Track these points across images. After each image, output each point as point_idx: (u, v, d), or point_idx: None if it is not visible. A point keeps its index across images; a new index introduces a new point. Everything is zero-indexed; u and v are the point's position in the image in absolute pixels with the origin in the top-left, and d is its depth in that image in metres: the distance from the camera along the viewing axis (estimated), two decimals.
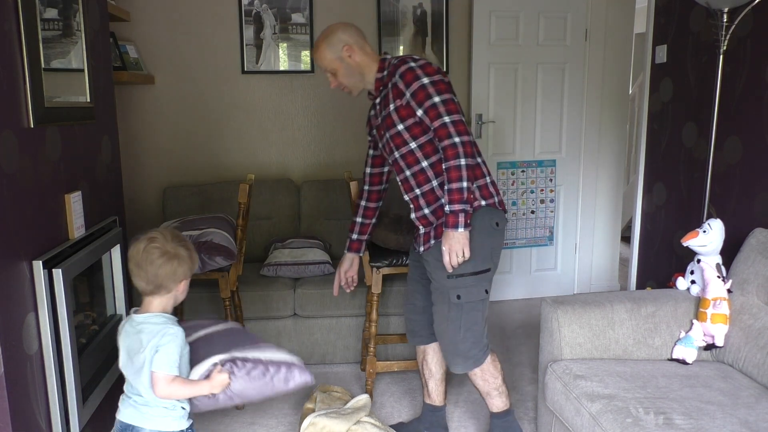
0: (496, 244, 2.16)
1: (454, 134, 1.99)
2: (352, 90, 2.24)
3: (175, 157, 3.82)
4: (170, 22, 3.69)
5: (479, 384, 2.26)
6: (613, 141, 4.19)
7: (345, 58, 2.15)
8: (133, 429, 1.65)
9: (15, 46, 1.74)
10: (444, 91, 2.03)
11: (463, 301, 2.11)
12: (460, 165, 1.99)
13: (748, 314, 2.14)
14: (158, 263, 1.61)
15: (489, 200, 2.13)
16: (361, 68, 2.18)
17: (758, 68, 2.48)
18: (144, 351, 1.58)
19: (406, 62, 2.08)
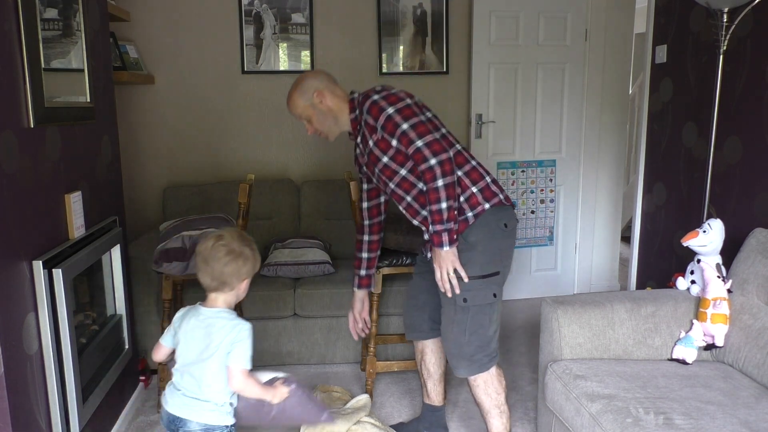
0: (506, 245, 2.13)
1: (429, 156, 1.97)
2: (328, 135, 2.27)
3: (175, 157, 3.83)
4: (170, 22, 3.69)
5: (481, 398, 2.21)
6: (613, 141, 4.19)
7: (317, 104, 2.19)
8: (181, 421, 1.71)
9: (15, 46, 1.74)
10: (411, 116, 2.02)
11: (469, 305, 2.08)
12: (437, 187, 1.98)
13: (748, 314, 2.14)
14: (224, 261, 1.69)
15: (493, 200, 2.10)
16: (333, 112, 2.21)
17: (758, 68, 2.48)
18: (215, 345, 1.67)
19: (369, 96, 2.10)
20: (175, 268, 2.57)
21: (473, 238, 2.07)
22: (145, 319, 3.03)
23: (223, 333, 1.68)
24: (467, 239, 2.08)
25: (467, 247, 2.07)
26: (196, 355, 1.70)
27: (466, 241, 2.07)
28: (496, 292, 2.11)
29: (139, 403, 2.84)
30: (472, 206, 2.08)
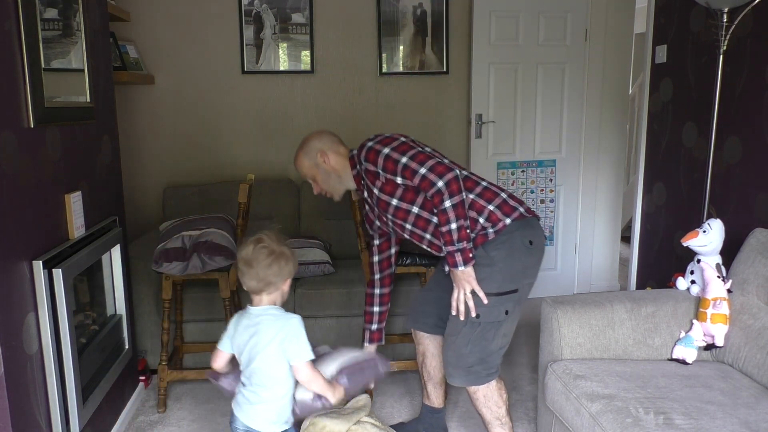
0: (531, 263, 2.08)
1: (435, 179, 1.96)
2: (333, 194, 2.30)
3: (175, 157, 3.83)
4: (170, 22, 3.69)
5: (482, 411, 2.19)
6: (613, 141, 4.19)
7: (320, 163, 2.22)
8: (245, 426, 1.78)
9: (15, 46, 1.74)
10: (408, 150, 2.03)
11: (481, 320, 2.04)
12: (445, 208, 1.96)
13: (748, 314, 2.14)
14: (267, 263, 1.73)
15: (513, 214, 2.05)
16: (337, 171, 2.24)
17: (758, 68, 2.48)
18: (265, 342, 1.71)
19: (364, 146, 2.12)
20: (175, 268, 2.57)
21: (494, 253, 2.03)
22: (145, 319, 3.03)
23: (272, 330, 1.72)
24: (489, 253, 2.03)
25: (487, 263, 2.03)
26: (250, 349, 1.73)
27: (487, 256, 2.03)
28: (509, 309, 2.06)
29: (139, 403, 2.84)
30: (493, 223, 2.04)
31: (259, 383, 1.74)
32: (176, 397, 2.91)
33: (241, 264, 1.76)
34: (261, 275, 1.73)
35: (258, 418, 1.76)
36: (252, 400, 1.75)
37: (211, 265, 2.58)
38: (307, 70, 3.82)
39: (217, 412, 2.77)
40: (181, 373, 2.80)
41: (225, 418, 2.71)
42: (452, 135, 4.00)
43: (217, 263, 2.58)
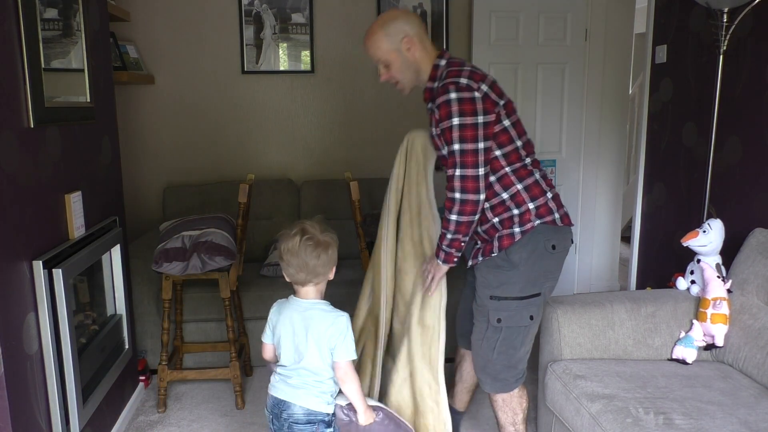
0: (552, 266, 2.00)
1: (457, 190, 1.88)
2: (404, 87, 2.08)
3: (175, 157, 3.83)
4: (170, 22, 3.69)
5: (499, 414, 2.16)
6: (613, 141, 4.19)
7: (403, 51, 1.97)
8: (285, 404, 1.78)
9: (15, 46, 1.74)
10: (469, 139, 1.85)
11: (503, 325, 2.00)
12: (450, 219, 1.91)
13: (748, 314, 2.14)
14: (314, 254, 1.73)
15: (546, 218, 1.96)
16: (418, 65, 2.01)
17: (758, 68, 2.48)
18: (316, 337, 1.75)
19: (448, 91, 1.87)
20: (175, 268, 2.57)
21: (516, 257, 1.96)
22: (145, 319, 3.03)
23: (324, 325, 1.75)
24: (510, 257, 1.97)
25: (509, 266, 1.97)
26: (298, 341, 1.77)
27: (509, 260, 1.97)
28: (533, 314, 2.00)
29: (139, 403, 2.84)
30: (522, 222, 1.95)
31: (308, 371, 1.77)
32: (176, 397, 2.91)
33: (287, 256, 1.74)
34: (310, 268, 1.74)
35: (308, 397, 1.78)
36: (299, 385, 1.78)
37: (211, 265, 2.58)
38: (307, 70, 3.82)
39: (217, 412, 2.77)
40: (181, 373, 2.80)
41: (225, 418, 2.71)
42: None
43: (217, 263, 2.58)
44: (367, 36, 2.01)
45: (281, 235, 1.80)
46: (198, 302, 3.08)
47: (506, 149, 1.95)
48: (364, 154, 3.94)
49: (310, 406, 1.77)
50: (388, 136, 3.95)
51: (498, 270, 1.99)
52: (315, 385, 1.78)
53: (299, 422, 1.77)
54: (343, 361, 1.76)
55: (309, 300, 1.80)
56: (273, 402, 1.82)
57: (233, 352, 2.75)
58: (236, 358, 2.76)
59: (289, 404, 1.78)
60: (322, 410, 1.79)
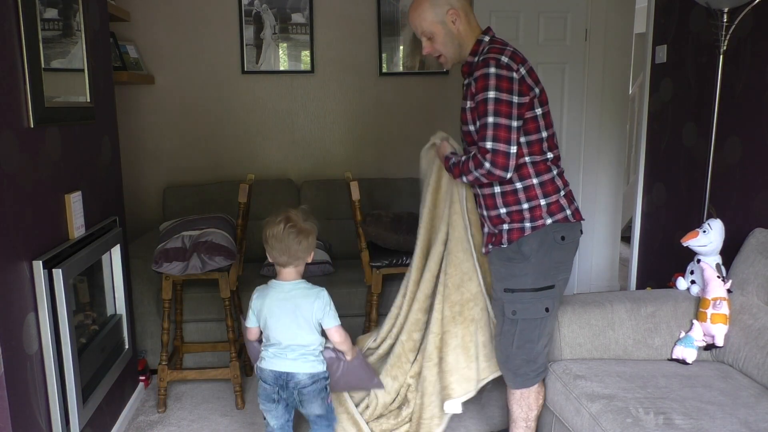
0: (563, 258, 2.01)
1: (486, 161, 1.87)
2: (447, 60, 2.07)
3: (175, 157, 3.83)
4: (170, 22, 3.69)
5: (513, 407, 2.17)
6: (613, 141, 4.19)
7: (448, 23, 1.97)
8: (290, 375, 2.00)
9: (15, 46, 1.74)
10: (503, 114, 1.85)
11: (518, 317, 2.01)
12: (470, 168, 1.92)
13: (748, 314, 2.14)
14: (297, 241, 1.95)
15: (558, 215, 1.97)
16: (461, 39, 2.00)
17: (758, 68, 2.48)
18: (305, 312, 1.97)
19: (488, 65, 1.87)
20: (175, 268, 2.57)
21: (526, 248, 1.98)
22: (145, 319, 3.03)
23: (309, 303, 1.98)
24: (521, 249, 1.98)
25: (520, 258, 1.99)
26: (289, 326, 1.97)
27: (520, 252, 1.98)
28: (548, 306, 2.02)
29: (139, 403, 2.84)
30: (533, 218, 1.97)
31: (302, 345, 1.99)
32: (176, 397, 2.91)
33: (272, 241, 1.96)
34: (293, 252, 1.96)
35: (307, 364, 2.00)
36: (297, 357, 1.99)
37: (211, 265, 2.58)
38: (307, 70, 3.82)
39: (217, 412, 2.77)
40: (181, 373, 2.80)
41: (225, 418, 2.71)
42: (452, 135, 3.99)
43: (217, 263, 2.58)
44: (412, 7, 2.01)
45: (267, 222, 1.99)
46: (198, 302, 3.08)
47: (531, 138, 1.95)
48: (364, 154, 3.94)
49: (311, 370, 2.01)
50: (387, 136, 3.96)
51: (510, 262, 2.00)
52: (310, 353, 2.01)
53: (306, 386, 2.00)
54: (333, 328, 2.02)
55: (290, 282, 2.01)
56: (275, 375, 2.00)
57: (233, 352, 2.75)
58: (236, 358, 2.76)
59: (294, 374, 1.99)
60: (321, 370, 2.03)
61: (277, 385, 2.01)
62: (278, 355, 2.00)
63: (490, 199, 2.04)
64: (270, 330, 2.00)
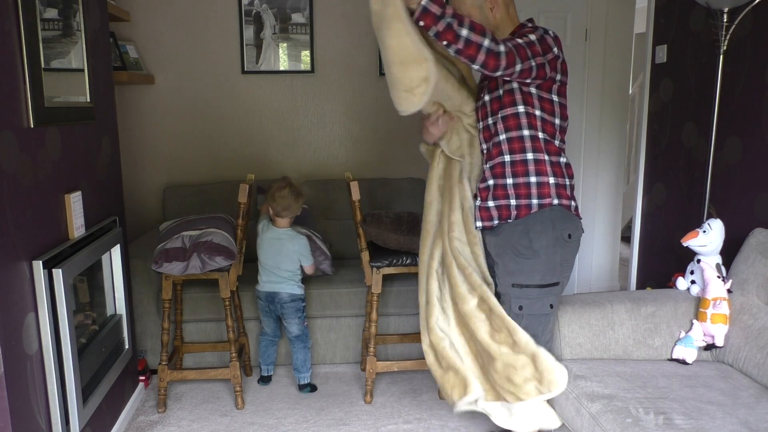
0: (568, 255, 2.04)
1: (500, 44, 1.79)
2: None
3: (175, 157, 3.83)
4: (170, 22, 3.69)
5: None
6: (613, 141, 4.19)
7: (486, 9, 1.98)
8: (276, 294, 2.86)
9: (15, 46, 1.74)
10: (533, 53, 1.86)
11: (524, 313, 2.03)
12: (483, 45, 1.76)
13: (748, 314, 2.14)
14: (295, 199, 2.77)
15: (564, 200, 1.99)
16: (497, 27, 2.00)
17: (758, 68, 2.48)
18: (286, 252, 2.83)
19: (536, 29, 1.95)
20: (175, 268, 2.57)
21: (537, 245, 1.99)
22: (145, 319, 3.03)
23: (290, 245, 2.82)
24: (532, 245, 1.99)
25: (530, 254, 2.00)
26: (275, 256, 2.82)
27: (531, 248, 2.00)
28: (553, 303, 2.04)
29: (139, 403, 2.84)
30: (540, 194, 1.97)
31: (287, 270, 2.84)
32: (176, 397, 2.91)
33: (278, 199, 2.74)
34: (291, 208, 2.77)
35: (289, 286, 2.86)
36: (280, 280, 2.85)
37: (211, 265, 2.58)
38: (307, 70, 3.82)
39: (217, 412, 2.77)
40: (181, 373, 2.80)
41: (225, 418, 2.71)
42: None
43: (217, 263, 2.58)
44: None
45: (273, 185, 2.78)
46: (198, 302, 3.08)
47: (546, 115, 1.98)
48: (364, 154, 3.94)
49: (292, 291, 2.87)
50: (388, 136, 3.95)
51: (520, 258, 2.01)
52: (291, 278, 2.86)
53: (287, 302, 2.85)
54: (309, 266, 2.88)
55: (282, 228, 2.83)
56: (266, 294, 2.87)
57: (233, 352, 2.75)
58: (236, 358, 2.76)
59: (278, 293, 2.85)
60: (298, 292, 2.89)
61: (267, 301, 2.87)
62: (268, 279, 2.85)
63: (500, 167, 2.03)
64: (263, 257, 2.84)
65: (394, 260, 2.76)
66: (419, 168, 3.96)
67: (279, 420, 2.69)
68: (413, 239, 2.70)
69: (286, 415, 2.74)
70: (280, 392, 2.95)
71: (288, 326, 2.90)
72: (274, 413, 2.75)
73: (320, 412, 2.76)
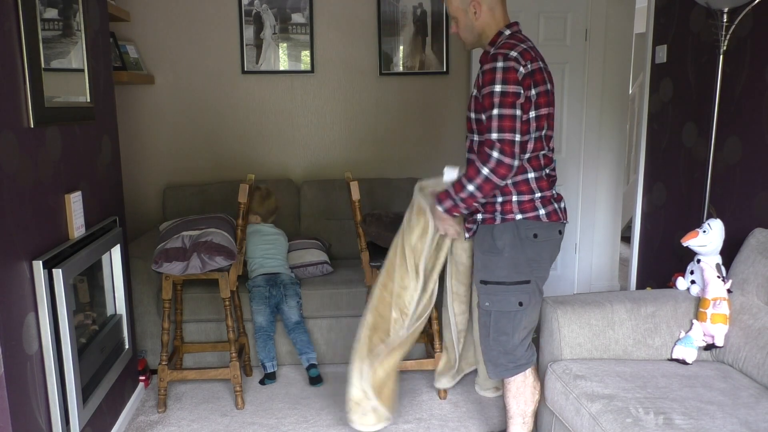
0: (536, 255, 2.06)
1: (496, 150, 1.91)
2: (466, 44, 2.16)
3: (175, 157, 3.83)
4: (170, 22, 3.69)
5: (510, 402, 2.20)
6: (613, 141, 4.19)
7: (469, 12, 2.06)
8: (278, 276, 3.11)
9: (15, 46, 1.74)
10: (508, 105, 1.91)
11: (491, 309, 2.08)
12: (481, 171, 1.93)
13: (748, 314, 2.14)
14: (275, 205, 3.29)
15: (529, 213, 2.03)
16: (481, 29, 2.07)
17: (758, 68, 2.48)
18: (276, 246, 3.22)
19: (495, 60, 1.94)
20: (175, 268, 2.57)
21: (500, 242, 2.04)
22: (145, 319, 3.03)
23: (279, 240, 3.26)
24: (496, 243, 2.04)
25: (495, 252, 2.05)
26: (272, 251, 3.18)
27: (495, 246, 2.05)
28: (522, 301, 2.06)
29: (139, 403, 2.84)
30: (503, 211, 2.04)
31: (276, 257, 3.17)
32: (176, 397, 2.91)
33: (265, 206, 3.24)
34: (272, 209, 3.28)
35: (285, 269, 3.16)
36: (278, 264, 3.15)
37: (211, 265, 2.58)
38: (307, 70, 3.82)
39: (217, 412, 2.77)
40: (181, 373, 2.80)
41: (225, 418, 2.71)
42: (452, 135, 4.00)
43: (217, 263, 2.58)
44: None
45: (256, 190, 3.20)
46: (198, 302, 3.08)
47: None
48: (364, 154, 3.94)
49: (290, 274, 3.17)
50: (388, 136, 3.95)
51: (487, 255, 2.07)
52: (284, 262, 3.20)
53: (288, 283, 3.08)
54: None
55: (266, 226, 3.24)
56: (266, 278, 3.08)
57: (233, 352, 2.75)
58: (236, 358, 2.76)
59: (280, 273, 3.12)
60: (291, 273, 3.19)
61: (269, 285, 3.05)
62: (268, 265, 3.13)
63: None
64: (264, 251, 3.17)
65: None
66: (419, 168, 3.96)
67: (279, 420, 2.69)
68: None
69: (286, 415, 2.74)
70: (280, 392, 2.95)
71: (288, 312, 3.02)
72: (274, 413, 2.75)
73: (320, 412, 2.76)
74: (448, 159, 3.99)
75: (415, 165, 3.97)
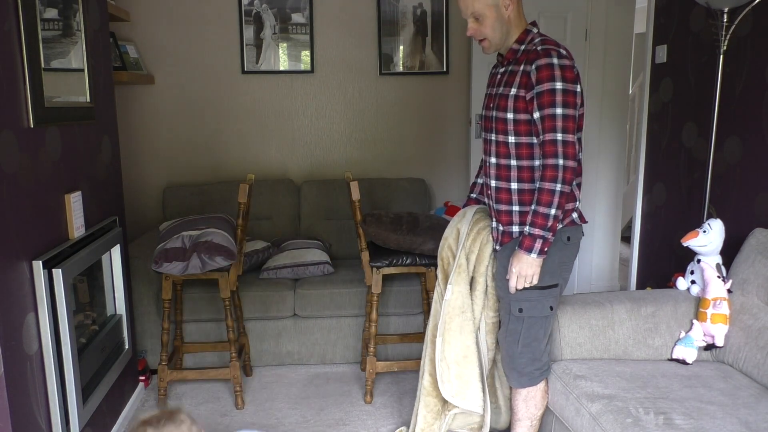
0: (566, 258, 2.03)
1: (560, 155, 1.84)
2: (490, 45, 2.06)
3: (175, 157, 3.83)
4: (170, 22, 3.70)
5: (519, 406, 2.17)
6: (613, 141, 4.19)
7: (501, 7, 1.97)
8: None
9: (15, 46, 1.74)
10: (571, 105, 1.85)
11: (524, 315, 2.02)
12: (555, 190, 1.85)
13: (748, 314, 2.14)
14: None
15: (566, 220, 1.99)
16: (510, 26, 2.01)
17: (758, 68, 2.48)
18: None
19: (550, 56, 1.87)
20: (175, 268, 2.57)
21: None
22: (145, 319, 3.03)
23: None
24: None
25: None
26: None
27: None
28: (552, 305, 2.04)
29: (139, 403, 2.84)
30: None
31: None
32: (176, 397, 2.91)
33: None
34: None
35: None
36: None
37: (211, 265, 2.58)
38: (307, 70, 3.82)
39: (217, 412, 2.77)
40: (181, 373, 2.80)
41: (225, 418, 2.71)
42: (452, 135, 4.00)
43: (217, 263, 2.58)
44: None
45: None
46: (198, 302, 3.08)
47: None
48: (363, 154, 3.94)
49: None
50: (388, 136, 3.95)
51: None
52: None
53: None
54: None
55: None
56: None
57: (233, 352, 2.75)
58: (236, 358, 2.76)
59: None
60: None
61: None
62: None
63: (505, 194, 2.01)
64: None
65: (394, 260, 2.76)
66: (419, 168, 3.97)
67: (279, 420, 2.69)
68: (413, 239, 2.70)
69: (286, 415, 2.74)
70: (280, 392, 2.95)
71: None
72: (274, 413, 2.75)
73: (320, 412, 2.76)
74: (448, 159, 4.00)
75: (415, 165, 3.97)
